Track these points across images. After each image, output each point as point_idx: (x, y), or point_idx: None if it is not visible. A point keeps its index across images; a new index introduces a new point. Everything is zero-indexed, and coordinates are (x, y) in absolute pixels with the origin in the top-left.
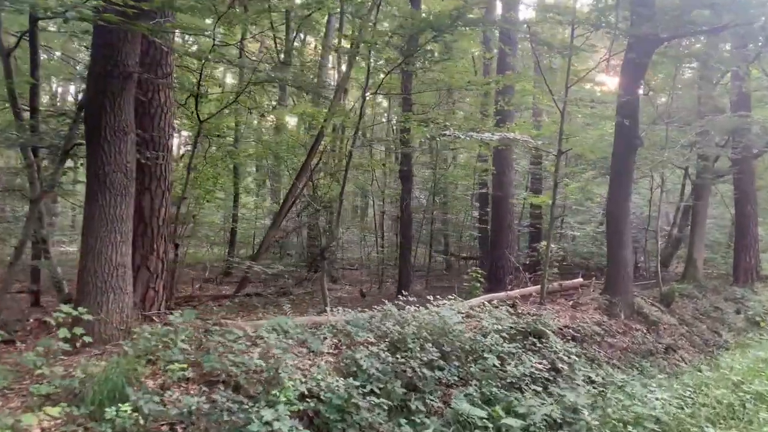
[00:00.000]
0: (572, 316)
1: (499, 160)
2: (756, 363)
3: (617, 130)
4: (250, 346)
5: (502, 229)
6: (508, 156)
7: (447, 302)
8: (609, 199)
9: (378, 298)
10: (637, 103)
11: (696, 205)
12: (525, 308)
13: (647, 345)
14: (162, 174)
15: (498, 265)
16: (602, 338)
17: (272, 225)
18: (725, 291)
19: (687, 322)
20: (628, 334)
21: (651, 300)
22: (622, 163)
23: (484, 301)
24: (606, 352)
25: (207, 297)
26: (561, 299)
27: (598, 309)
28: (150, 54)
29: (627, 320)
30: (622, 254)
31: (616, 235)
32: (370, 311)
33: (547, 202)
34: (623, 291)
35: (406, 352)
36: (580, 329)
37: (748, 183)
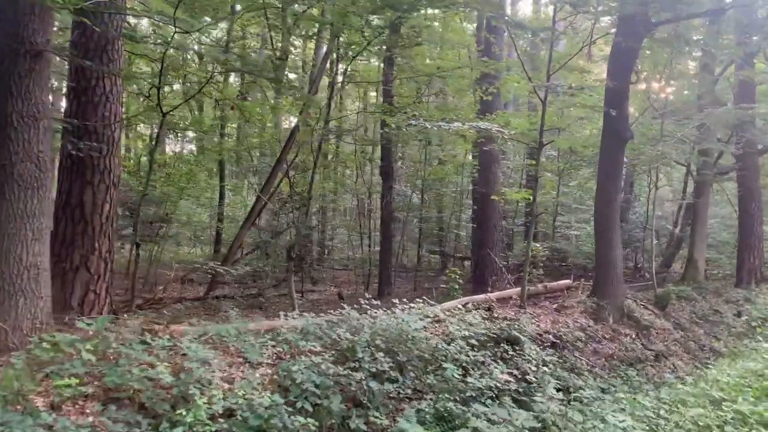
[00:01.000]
0: (554, 321)
1: (485, 154)
2: (743, 376)
3: (605, 122)
4: (171, 357)
5: (488, 228)
6: (494, 151)
7: (416, 306)
8: (597, 196)
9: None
10: (627, 92)
11: (696, 204)
12: (503, 312)
13: (636, 352)
14: (106, 167)
15: (482, 266)
16: (586, 344)
17: (244, 224)
18: (727, 293)
19: (683, 326)
20: (616, 339)
21: (645, 303)
22: (610, 157)
23: (459, 305)
24: (589, 360)
25: (173, 299)
26: (545, 302)
27: (584, 313)
28: (94, 38)
29: (616, 325)
30: (611, 254)
31: (604, 234)
32: (330, 315)
33: (528, 198)
34: (612, 293)
35: (354, 362)
36: (561, 335)
37: (753, 180)
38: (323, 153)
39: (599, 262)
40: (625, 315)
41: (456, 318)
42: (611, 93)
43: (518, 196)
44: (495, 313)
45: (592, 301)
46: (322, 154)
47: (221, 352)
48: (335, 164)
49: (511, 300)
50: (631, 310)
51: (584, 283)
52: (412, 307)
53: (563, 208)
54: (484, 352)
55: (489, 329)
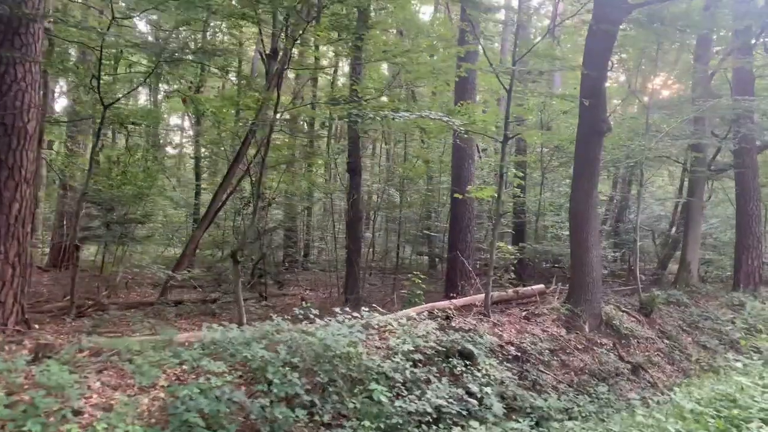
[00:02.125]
0: (521, 330)
1: (458, 151)
2: (712, 401)
3: (581, 113)
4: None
5: (460, 229)
6: (467, 147)
7: (362, 315)
8: (572, 193)
9: (322, 305)
10: (603, 81)
11: (690, 203)
12: (462, 321)
13: (611, 364)
14: (16, 162)
15: (453, 269)
16: (554, 356)
17: (200, 225)
18: (722, 297)
19: (668, 334)
20: (590, 350)
21: (629, 308)
22: (586, 150)
23: (416, 312)
24: (555, 374)
25: (119, 305)
26: (516, 309)
27: (556, 321)
28: (3, 20)
29: (592, 333)
30: (587, 256)
31: (580, 235)
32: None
33: (493, 196)
34: (588, 299)
35: (264, 385)
36: (525, 346)
37: (751, 178)
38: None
39: (575, 265)
40: (603, 323)
41: (404, 329)
42: (587, 82)
43: (482, 194)
44: (453, 323)
45: (566, 308)
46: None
47: (112, 372)
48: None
49: (475, 307)
50: (611, 318)
51: (561, 288)
52: (355, 317)
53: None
54: (428, 369)
55: (440, 341)
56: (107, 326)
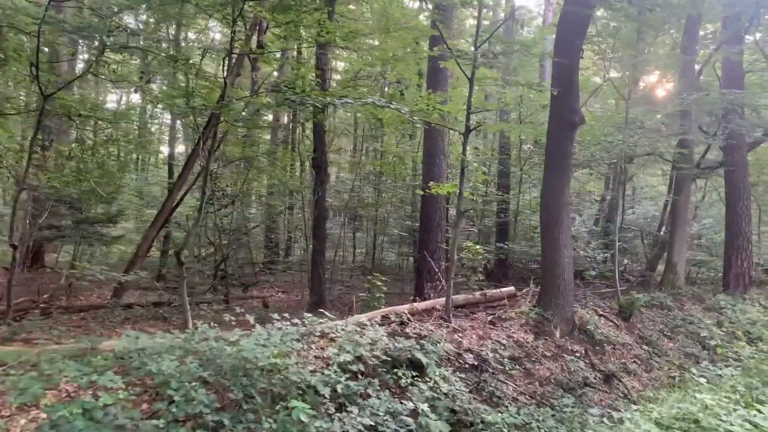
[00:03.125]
0: (483, 336)
1: (429, 145)
2: (672, 422)
3: (552, 104)
4: None
5: (430, 228)
6: (439, 141)
7: (304, 321)
8: (543, 189)
9: (288, 308)
10: (575, 69)
11: (676, 202)
12: (419, 326)
13: (581, 373)
14: None
15: (421, 271)
16: (518, 365)
17: (153, 223)
18: (709, 299)
19: (648, 339)
20: (559, 358)
21: (607, 312)
22: (557, 144)
23: (369, 318)
24: (517, 385)
25: (71, 308)
26: (482, 312)
27: (524, 326)
28: None
29: (563, 339)
30: (558, 257)
31: (551, 235)
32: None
33: (455, 192)
34: (560, 303)
35: (164, 403)
36: (485, 354)
37: (740, 177)
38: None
39: (545, 267)
40: (576, 328)
41: (349, 336)
42: (558, 70)
43: (443, 189)
44: (408, 328)
45: (536, 312)
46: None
47: None
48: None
49: (436, 311)
50: (585, 322)
51: (534, 291)
52: (295, 323)
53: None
54: (369, 381)
55: (387, 350)
56: (37, 333)
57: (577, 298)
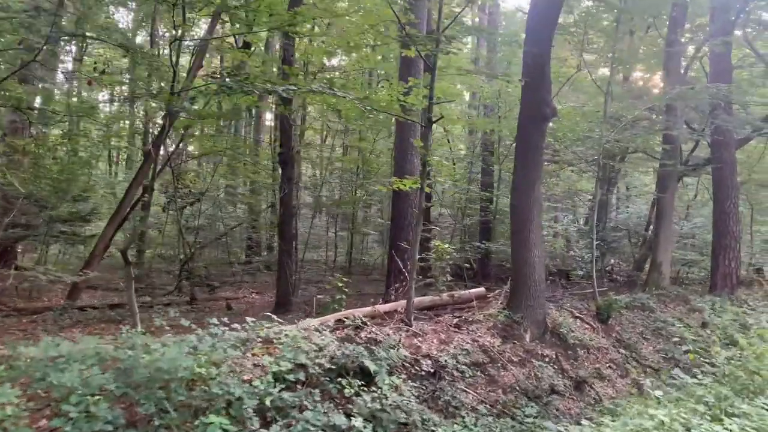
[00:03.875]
0: (445, 341)
1: (400, 140)
2: None
3: (523, 96)
4: None
5: (402, 227)
6: (411, 136)
7: (246, 326)
8: (513, 186)
9: (252, 311)
10: (547, 59)
11: (661, 200)
12: (379, 330)
13: (550, 379)
14: None
15: (391, 271)
16: (481, 371)
17: (110, 222)
18: (695, 301)
19: (626, 343)
20: (527, 363)
21: (584, 314)
22: (527, 137)
23: (318, 322)
24: (478, 393)
25: (18, 309)
26: (448, 315)
27: (492, 329)
28: None
29: (534, 343)
30: (529, 257)
31: (521, 233)
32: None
33: (417, 186)
34: (530, 305)
35: (61, 419)
36: (445, 360)
37: (728, 175)
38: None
39: (516, 267)
40: (548, 331)
41: (293, 342)
42: (529, 59)
43: (405, 184)
44: (363, 333)
45: (505, 315)
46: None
47: None
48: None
49: (398, 314)
50: (558, 325)
51: (506, 292)
52: (234, 327)
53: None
54: (309, 392)
55: (333, 357)
56: None
57: (555, 299)
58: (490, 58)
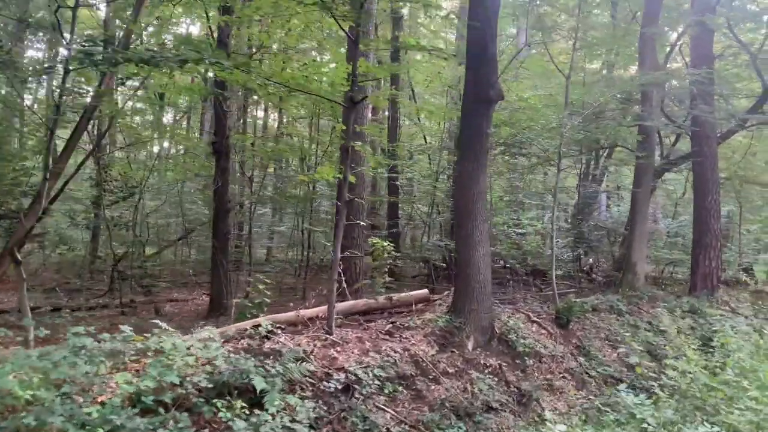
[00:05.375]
0: (370, 350)
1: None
2: None
3: (466, 77)
4: None
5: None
6: (362, 121)
7: (118, 336)
8: (456, 177)
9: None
10: (492, 33)
11: (635, 195)
12: (291, 339)
13: (489, 393)
14: None
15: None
16: (407, 385)
17: (27, 216)
18: (671, 302)
19: (586, 350)
20: (464, 375)
21: (542, 318)
22: (471, 122)
23: (221, 332)
24: (397, 411)
25: None
26: (383, 320)
27: (430, 335)
28: None
29: (477, 351)
30: (473, 256)
31: (464, 228)
32: None
33: (338, 177)
34: (474, 309)
35: None
36: (363, 373)
37: (709, 169)
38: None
39: (459, 266)
40: (496, 337)
41: (170, 354)
42: (472, 36)
43: (322, 174)
44: (269, 343)
45: (445, 320)
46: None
47: None
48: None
49: (319, 320)
50: (507, 331)
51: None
52: (102, 339)
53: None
54: (173, 415)
55: (214, 373)
56: None
57: (514, 300)
58: (459, 43)
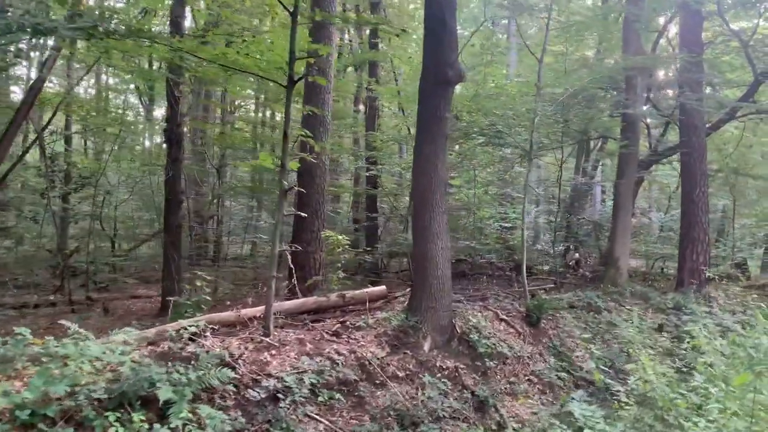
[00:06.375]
0: (310, 353)
1: (307, 115)
2: None
3: (424, 54)
4: None
5: (306, 216)
6: (322, 107)
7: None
8: (414, 164)
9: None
10: (451, 8)
11: (618, 187)
12: (221, 341)
13: (442, 399)
14: None
15: (295, 265)
16: (349, 391)
17: None
18: (655, 299)
19: (558, 350)
20: (416, 378)
21: (512, 316)
22: (429, 105)
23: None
24: (332, 421)
25: None
26: (332, 320)
27: (382, 336)
28: None
29: (435, 352)
30: (430, 249)
31: (422, 219)
32: None
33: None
34: (432, 306)
35: None
36: (297, 379)
37: (697, 161)
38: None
39: (416, 261)
40: (456, 337)
41: (71, 360)
42: (430, 11)
43: (261, 162)
44: (192, 346)
45: (400, 319)
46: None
47: None
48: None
49: (257, 320)
50: (469, 330)
51: None
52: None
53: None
54: None
55: (113, 381)
56: None
57: (485, 296)
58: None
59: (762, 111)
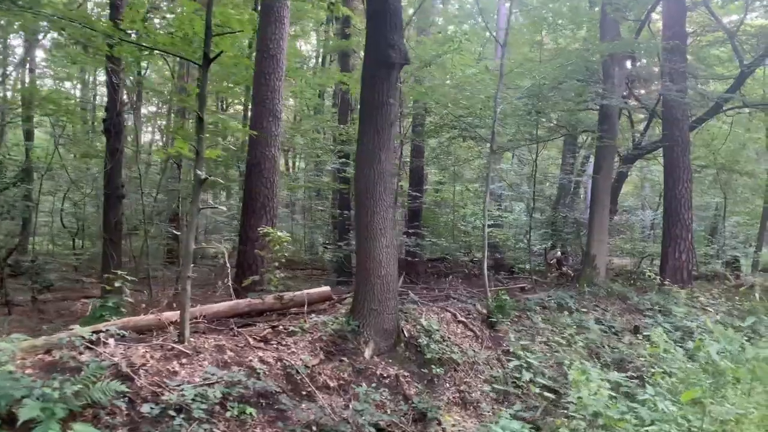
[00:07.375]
0: (232, 361)
1: (259, 101)
2: None
3: (367, 35)
4: None
5: (254, 210)
6: (272, 95)
7: None
8: (357, 156)
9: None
10: None
11: (595, 182)
12: (128, 348)
13: (377, 411)
14: None
15: (243, 264)
16: (268, 404)
17: None
18: (634, 298)
19: (515, 355)
20: (350, 388)
21: (470, 318)
22: (371, 90)
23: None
24: None
25: None
26: (263, 324)
27: (318, 341)
28: None
29: (377, 359)
30: (373, 248)
31: (364, 216)
32: None
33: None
34: (375, 309)
35: None
36: (201, 391)
37: (681, 155)
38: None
39: (358, 260)
40: (402, 342)
41: None
42: None
43: (180, 149)
44: (88, 354)
45: (339, 323)
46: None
47: None
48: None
49: (172, 324)
50: (419, 334)
51: None
52: None
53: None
54: None
55: None
56: None
57: (448, 296)
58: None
59: (749, 105)
